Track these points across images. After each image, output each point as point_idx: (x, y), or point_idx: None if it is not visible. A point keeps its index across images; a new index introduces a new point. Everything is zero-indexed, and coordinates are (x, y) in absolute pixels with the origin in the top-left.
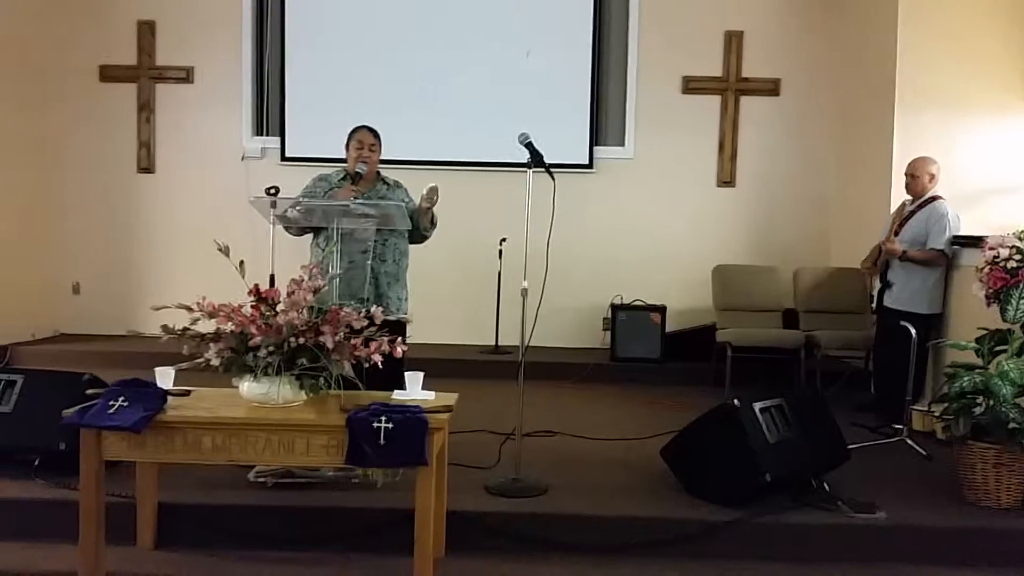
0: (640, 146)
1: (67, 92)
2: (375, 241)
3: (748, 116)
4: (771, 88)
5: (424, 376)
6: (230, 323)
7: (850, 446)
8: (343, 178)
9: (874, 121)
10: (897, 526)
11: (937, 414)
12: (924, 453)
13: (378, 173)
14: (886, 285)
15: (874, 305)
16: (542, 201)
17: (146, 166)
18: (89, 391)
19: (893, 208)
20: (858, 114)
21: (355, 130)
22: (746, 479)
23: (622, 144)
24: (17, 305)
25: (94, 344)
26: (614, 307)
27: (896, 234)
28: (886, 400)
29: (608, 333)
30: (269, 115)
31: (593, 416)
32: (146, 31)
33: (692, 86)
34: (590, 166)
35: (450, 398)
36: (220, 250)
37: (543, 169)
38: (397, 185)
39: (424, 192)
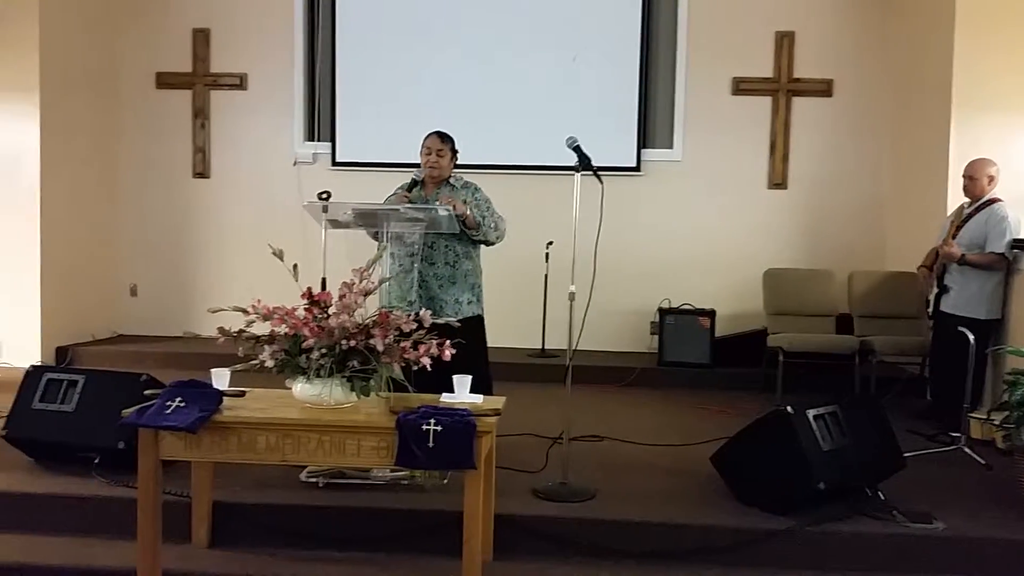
0: (689, 148)
1: (125, 99)
2: (421, 244)
3: (800, 117)
4: (823, 89)
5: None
6: (284, 325)
7: (906, 454)
8: (412, 184)
9: (930, 122)
10: (954, 537)
11: (997, 422)
12: (983, 462)
13: (449, 178)
14: (943, 289)
15: (930, 310)
16: (589, 204)
17: (201, 171)
18: (147, 391)
19: (950, 211)
20: (914, 115)
21: (425, 136)
22: (799, 487)
23: (670, 146)
24: (77, 307)
25: (151, 345)
26: (662, 311)
27: (953, 237)
28: (943, 407)
29: (656, 337)
30: (320, 121)
31: (640, 421)
32: (201, 39)
33: (742, 87)
34: (638, 169)
35: (498, 401)
36: (274, 254)
37: (591, 172)
38: (465, 186)
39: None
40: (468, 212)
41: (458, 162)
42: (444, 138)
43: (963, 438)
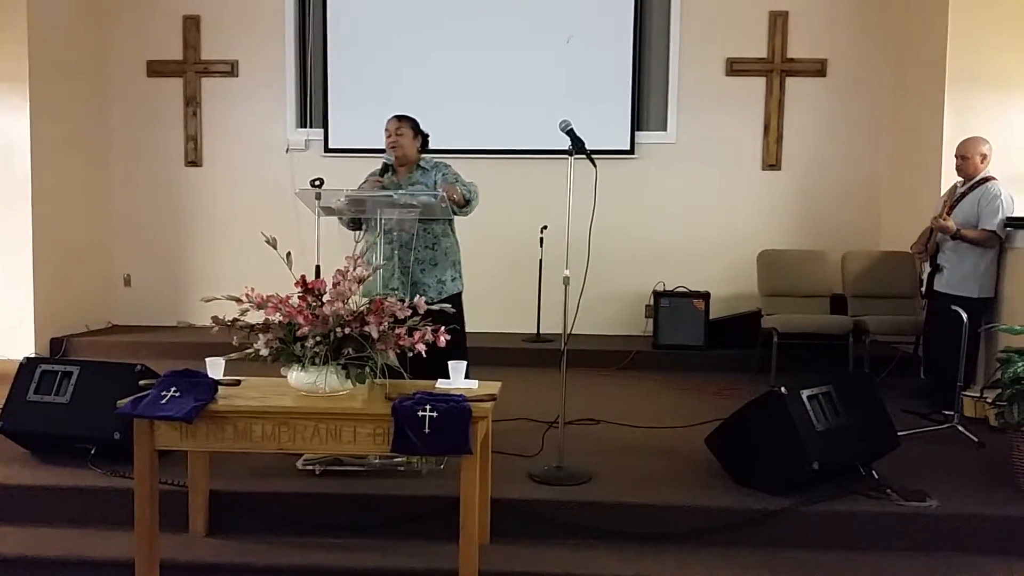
0: (683, 130)
1: (116, 88)
2: (400, 231)
3: (794, 98)
4: (817, 69)
5: (467, 365)
6: (278, 314)
7: (900, 433)
8: (384, 169)
9: (924, 101)
10: (948, 515)
11: (990, 400)
12: (976, 440)
13: (419, 161)
14: (936, 269)
15: (924, 289)
16: (583, 188)
17: (193, 159)
18: (142, 382)
19: (944, 190)
20: (907, 94)
21: (387, 121)
22: (793, 467)
23: (664, 129)
24: (71, 298)
25: (145, 335)
26: (656, 294)
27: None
28: (937, 386)
29: (651, 320)
30: (312, 107)
31: (636, 404)
32: (191, 26)
33: (736, 68)
34: (632, 152)
35: (493, 387)
36: (268, 242)
37: (584, 155)
38: (435, 167)
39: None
40: (458, 193)
41: (452, 147)
42: (401, 118)
43: (956, 416)
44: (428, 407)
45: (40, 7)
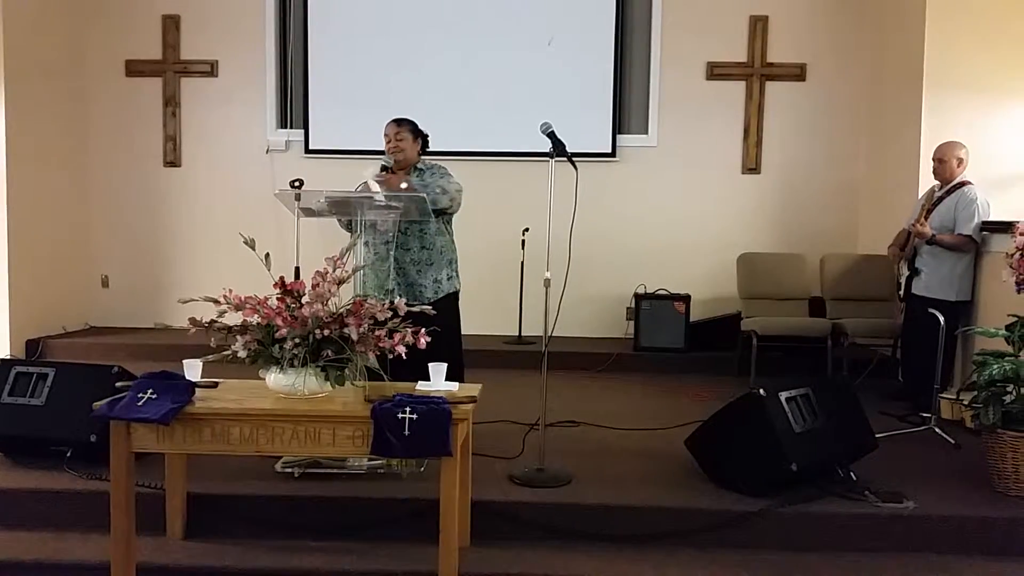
0: (664, 134)
1: (94, 87)
2: (395, 232)
3: (774, 102)
4: (797, 73)
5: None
6: (256, 315)
7: (877, 435)
8: (383, 170)
9: (902, 106)
10: (925, 516)
11: (966, 402)
12: (952, 442)
13: (417, 163)
14: (914, 272)
15: (902, 292)
16: (565, 190)
17: (172, 160)
18: (118, 384)
19: (921, 194)
20: (886, 99)
21: (385, 125)
22: (772, 469)
23: (645, 132)
24: (48, 299)
25: (123, 337)
26: (638, 296)
27: (926, 219)
28: (914, 388)
29: (632, 323)
30: (293, 108)
31: (617, 406)
32: (171, 25)
33: (716, 72)
34: (613, 155)
35: (474, 389)
36: (246, 243)
37: (565, 158)
38: (430, 169)
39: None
40: (405, 185)
41: (433, 149)
42: (400, 123)
43: (933, 418)
44: (408, 409)
45: (16, 4)
